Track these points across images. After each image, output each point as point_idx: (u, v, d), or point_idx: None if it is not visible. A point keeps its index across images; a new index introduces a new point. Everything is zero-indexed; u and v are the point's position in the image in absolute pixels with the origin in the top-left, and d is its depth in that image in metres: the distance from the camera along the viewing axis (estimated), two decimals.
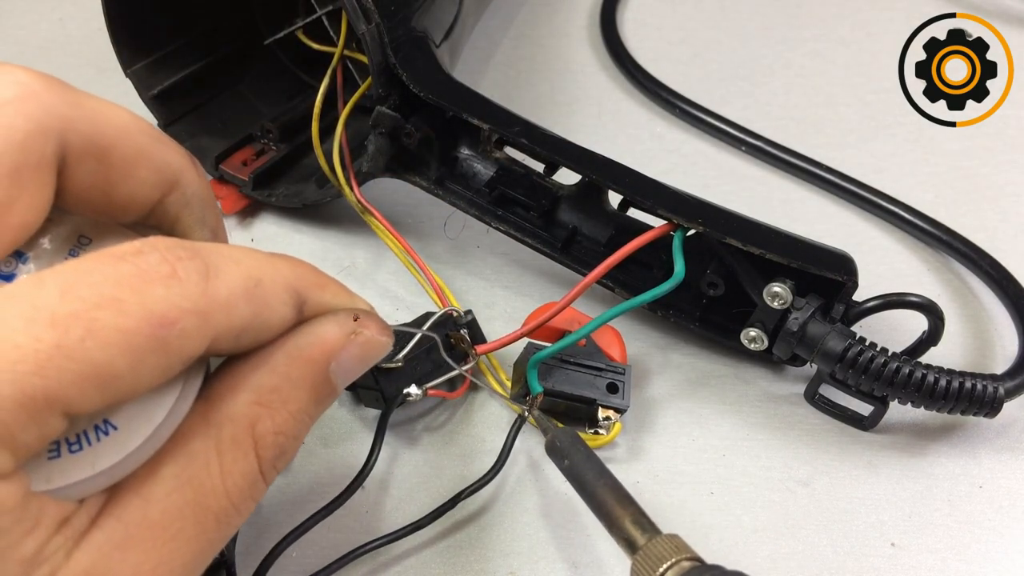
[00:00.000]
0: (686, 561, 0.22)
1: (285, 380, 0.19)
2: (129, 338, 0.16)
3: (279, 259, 0.19)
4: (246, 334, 0.18)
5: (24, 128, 0.17)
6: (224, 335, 0.17)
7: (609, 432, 0.30)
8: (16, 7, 0.51)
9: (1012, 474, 0.31)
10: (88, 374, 0.15)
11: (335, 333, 0.20)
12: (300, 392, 0.19)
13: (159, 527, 0.17)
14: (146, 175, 0.19)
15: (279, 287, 0.19)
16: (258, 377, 0.19)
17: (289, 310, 0.19)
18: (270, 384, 0.19)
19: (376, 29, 0.32)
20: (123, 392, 0.16)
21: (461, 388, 0.32)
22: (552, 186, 0.35)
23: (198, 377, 0.19)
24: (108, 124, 0.18)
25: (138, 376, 0.16)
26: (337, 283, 0.21)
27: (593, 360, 0.31)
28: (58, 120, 0.17)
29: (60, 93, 0.18)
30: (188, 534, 0.18)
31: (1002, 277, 0.37)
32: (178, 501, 0.18)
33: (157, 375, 0.16)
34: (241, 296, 0.18)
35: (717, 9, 0.54)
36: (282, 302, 0.19)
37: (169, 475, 0.18)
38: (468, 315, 0.31)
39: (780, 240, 0.31)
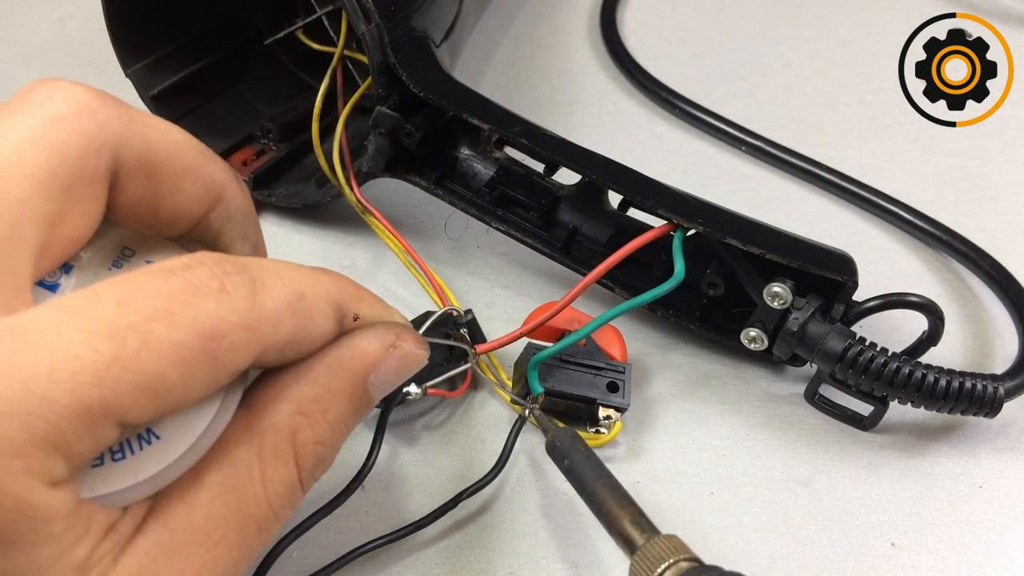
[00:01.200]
0: (684, 562, 0.22)
1: (325, 391, 0.20)
2: (182, 351, 0.16)
3: (321, 273, 0.20)
4: (290, 347, 0.19)
5: (79, 144, 0.17)
6: (270, 348, 0.18)
7: (610, 431, 0.30)
8: (16, 7, 0.51)
9: (1012, 474, 0.31)
10: (142, 385, 0.16)
11: (375, 346, 0.21)
12: (339, 403, 0.20)
13: (203, 533, 0.18)
14: (193, 190, 0.20)
15: (321, 301, 0.19)
16: (299, 388, 0.19)
17: (331, 323, 0.20)
18: (311, 395, 0.19)
19: (376, 29, 0.32)
20: (173, 403, 0.16)
21: (461, 388, 0.32)
22: (552, 186, 0.35)
23: (239, 388, 0.19)
24: (159, 141, 0.19)
25: (188, 388, 0.16)
26: (374, 296, 0.21)
27: (593, 359, 0.31)
28: (113, 136, 0.18)
29: (115, 110, 0.18)
30: (231, 540, 0.18)
31: (1002, 277, 0.37)
32: (222, 508, 0.18)
33: (206, 387, 0.17)
34: (286, 310, 0.18)
35: (717, 9, 0.54)
36: (324, 315, 0.19)
37: (213, 482, 0.18)
38: (468, 315, 0.31)
39: (780, 240, 0.31)
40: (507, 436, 0.29)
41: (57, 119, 0.17)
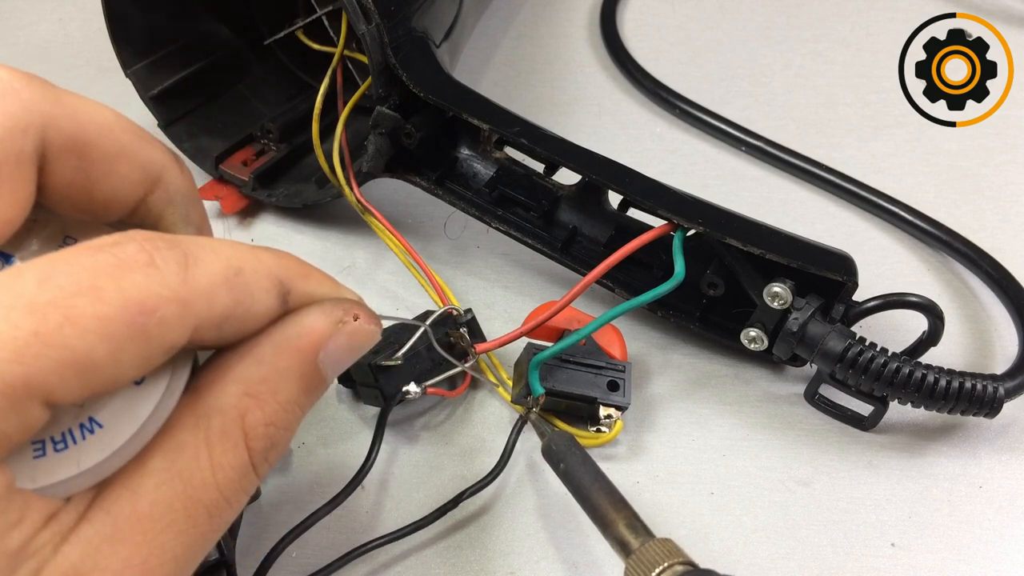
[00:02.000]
0: (679, 565, 0.22)
1: (273, 371, 0.19)
2: (108, 325, 0.16)
3: (261, 250, 0.19)
4: (228, 323, 0.18)
5: (3, 125, 0.17)
6: (205, 324, 0.17)
7: (611, 430, 0.30)
8: (16, 7, 0.51)
9: (1012, 474, 0.31)
10: (68, 361, 0.15)
11: (322, 322, 0.20)
12: (289, 383, 0.19)
13: (148, 520, 0.17)
14: (128, 172, 0.19)
15: (261, 276, 0.19)
16: (245, 368, 0.19)
17: (273, 300, 0.19)
18: (258, 375, 0.19)
19: (376, 29, 0.32)
20: (104, 381, 0.16)
21: (461, 387, 0.32)
22: (552, 186, 0.35)
23: (184, 372, 0.18)
24: (89, 121, 0.18)
25: (119, 364, 0.16)
26: (322, 273, 0.21)
27: (594, 359, 0.31)
28: (38, 117, 0.17)
29: (40, 90, 0.18)
30: (179, 527, 0.18)
31: (1002, 277, 0.37)
32: (167, 494, 0.17)
33: (138, 364, 0.16)
34: (222, 284, 0.18)
35: (717, 9, 0.54)
36: (265, 291, 0.19)
37: (158, 468, 0.18)
38: (468, 314, 0.31)
39: (780, 240, 0.31)
40: (508, 437, 0.29)
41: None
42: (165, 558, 0.17)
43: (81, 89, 0.19)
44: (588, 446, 0.30)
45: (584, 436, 0.30)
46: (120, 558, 0.17)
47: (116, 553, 0.17)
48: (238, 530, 0.27)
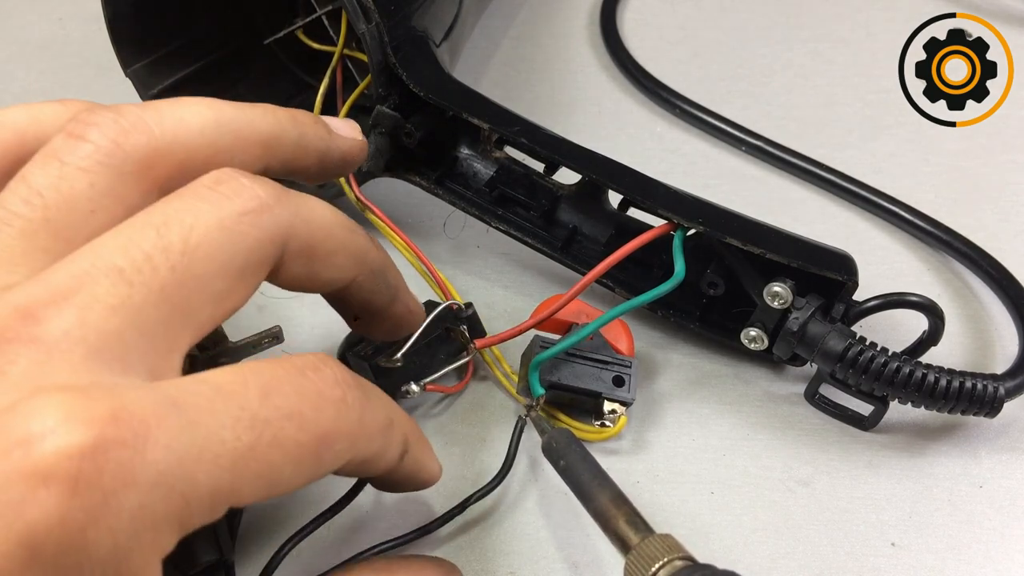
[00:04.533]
0: (679, 560, 0.22)
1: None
2: (301, 451, 0.17)
3: (400, 409, 0.22)
4: (367, 465, 0.21)
5: (257, 236, 0.19)
6: (356, 460, 0.20)
7: (615, 425, 0.30)
8: (16, 7, 0.51)
9: (1012, 474, 0.31)
10: (263, 475, 0.17)
11: None
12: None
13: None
14: (343, 262, 0.22)
15: (399, 432, 0.21)
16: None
17: (397, 456, 0.22)
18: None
19: (376, 29, 0.32)
20: (276, 493, 0.18)
21: (462, 382, 0.32)
22: (552, 186, 0.35)
23: None
24: (318, 227, 0.21)
25: (292, 481, 0.18)
26: (427, 441, 0.24)
27: (600, 353, 0.31)
28: (283, 229, 0.20)
29: (287, 205, 0.20)
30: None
31: (1002, 277, 0.37)
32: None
33: (302, 482, 0.18)
34: (378, 432, 0.20)
35: (717, 9, 0.54)
36: (397, 446, 0.21)
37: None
38: (469, 309, 0.31)
39: (780, 240, 0.31)
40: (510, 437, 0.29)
41: (242, 214, 0.19)
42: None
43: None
44: (591, 441, 0.31)
45: (588, 430, 0.30)
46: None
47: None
48: (238, 530, 0.27)
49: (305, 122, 0.24)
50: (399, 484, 0.24)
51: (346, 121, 0.26)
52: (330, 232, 0.21)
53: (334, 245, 0.21)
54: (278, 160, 0.23)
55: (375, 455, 0.20)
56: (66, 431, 0.15)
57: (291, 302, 0.35)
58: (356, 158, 0.26)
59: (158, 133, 0.20)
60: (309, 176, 0.25)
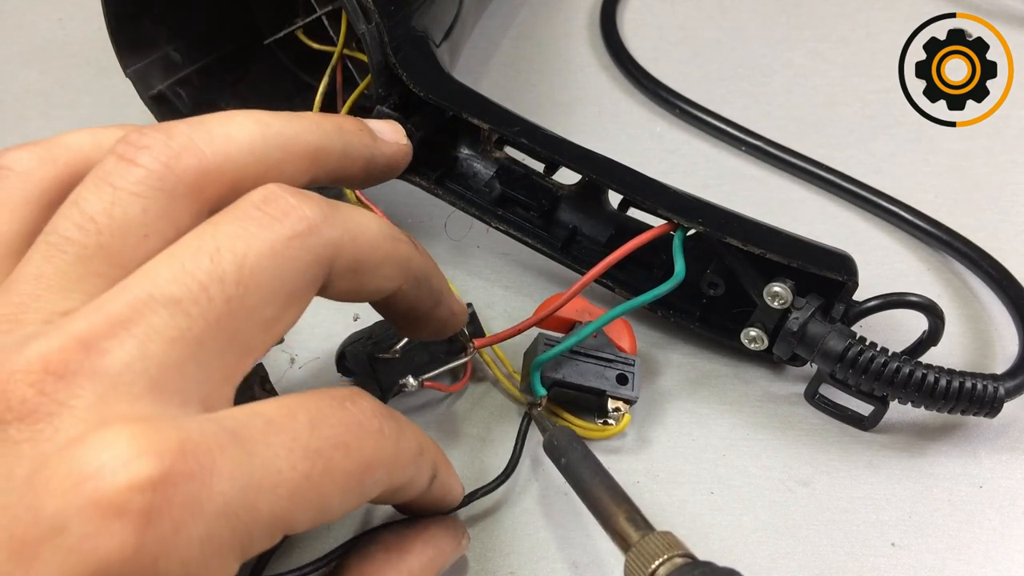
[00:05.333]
0: (678, 558, 0.22)
1: None
2: (348, 479, 0.18)
3: (428, 437, 0.23)
4: (399, 492, 0.21)
5: (307, 260, 0.19)
6: (391, 488, 0.20)
7: (619, 423, 0.30)
8: (16, 7, 0.51)
9: (1012, 474, 0.31)
10: (315, 504, 0.18)
11: (451, 544, 0.25)
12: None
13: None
14: (389, 272, 0.22)
15: (429, 460, 0.22)
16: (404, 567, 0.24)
17: (427, 482, 0.22)
18: None
19: (376, 29, 0.32)
20: (323, 521, 0.18)
21: (460, 382, 0.32)
22: (552, 186, 0.35)
23: None
24: (364, 242, 0.21)
25: (338, 510, 0.19)
26: (450, 465, 0.25)
27: (603, 351, 0.31)
28: (332, 250, 0.20)
29: (335, 225, 0.20)
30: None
31: (1002, 277, 0.37)
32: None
33: (346, 511, 0.19)
34: (411, 460, 0.21)
35: (717, 9, 0.54)
36: (427, 473, 0.22)
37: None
38: (468, 309, 0.31)
39: (780, 240, 0.31)
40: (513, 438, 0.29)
41: (292, 237, 0.19)
42: None
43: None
44: (595, 438, 0.31)
45: (591, 428, 0.30)
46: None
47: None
48: None
49: (351, 130, 0.24)
50: (425, 508, 0.25)
51: (390, 124, 0.26)
52: (376, 245, 0.21)
53: (380, 258, 0.21)
54: (325, 171, 0.23)
55: (408, 481, 0.21)
56: (137, 464, 0.15)
57: None
58: (401, 163, 0.26)
59: (209, 154, 0.20)
60: (355, 183, 0.25)
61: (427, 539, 0.24)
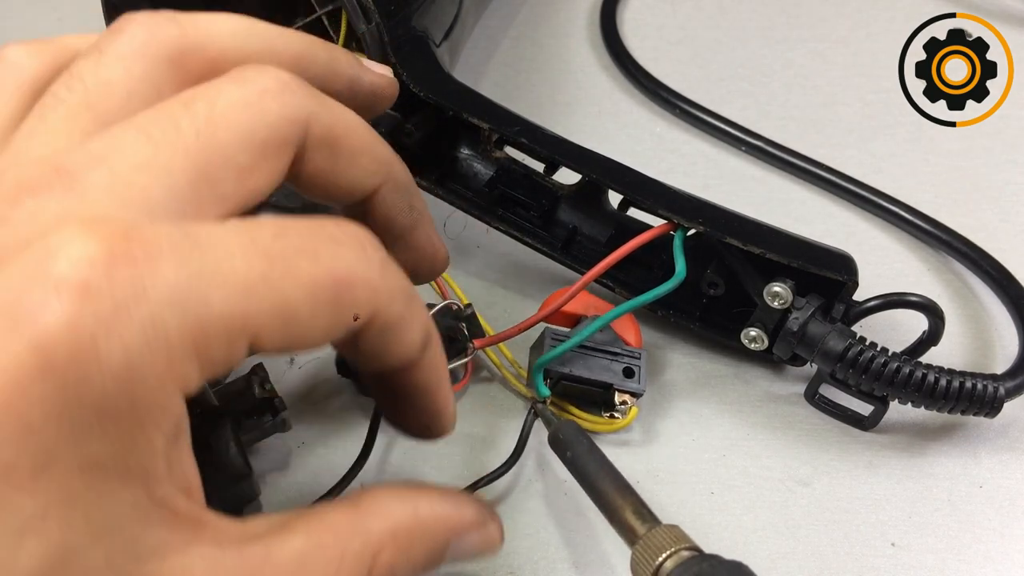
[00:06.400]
0: (685, 551, 0.22)
1: (420, 528, 0.21)
2: (315, 285, 0.18)
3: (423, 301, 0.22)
4: (388, 335, 0.20)
5: (278, 112, 0.19)
6: (377, 320, 0.19)
7: (626, 416, 0.30)
8: (16, 7, 0.51)
9: (1012, 474, 0.31)
10: (278, 308, 0.17)
11: (473, 516, 0.22)
12: (423, 546, 0.21)
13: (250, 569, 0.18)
14: (367, 164, 0.22)
15: (422, 312, 0.21)
16: (401, 512, 0.20)
17: (419, 344, 0.21)
18: (408, 525, 0.20)
19: (376, 29, 0.32)
20: (297, 336, 0.18)
21: (462, 381, 0.32)
22: (552, 186, 0.35)
23: None
24: (342, 120, 0.21)
25: (312, 323, 0.18)
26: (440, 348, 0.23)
27: (609, 344, 0.31)
28: (305, 111, 0.20)
29: (310, 93, 0.20)
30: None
31: (1002, 277, 0.37)
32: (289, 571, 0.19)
33: (324, 330, 0.18)
34: (401, 294, 0.20)
35: (717, 9, 0.54)
36: (420, 329, 0.21)
37: (297, 544, 0.19)
38: (468, 308, 0.31)
39: (780, 240, 0.31)
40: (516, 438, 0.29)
41: (264, 91, 0.19)
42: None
43: None
44: (602, 432, 0.31)
45: (598, 422, 0.30)
46: None
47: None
48: None
49: (335, 48, 0.24)
50: (415, 395, 0.22)
51: (378, 64, 0.26)
52: (354, 128, 0.22)
53: (359, 144, 0.22)
54: (309, 76, 0.23)
55: (397, 321, 0.20)
56: (79, 244, 0.15)
57: None
58: (385, 92, 0.26)
59: (190, 29, 0.21)
60: (340, 102, 0.25)
61: (445, 493, 0.22)
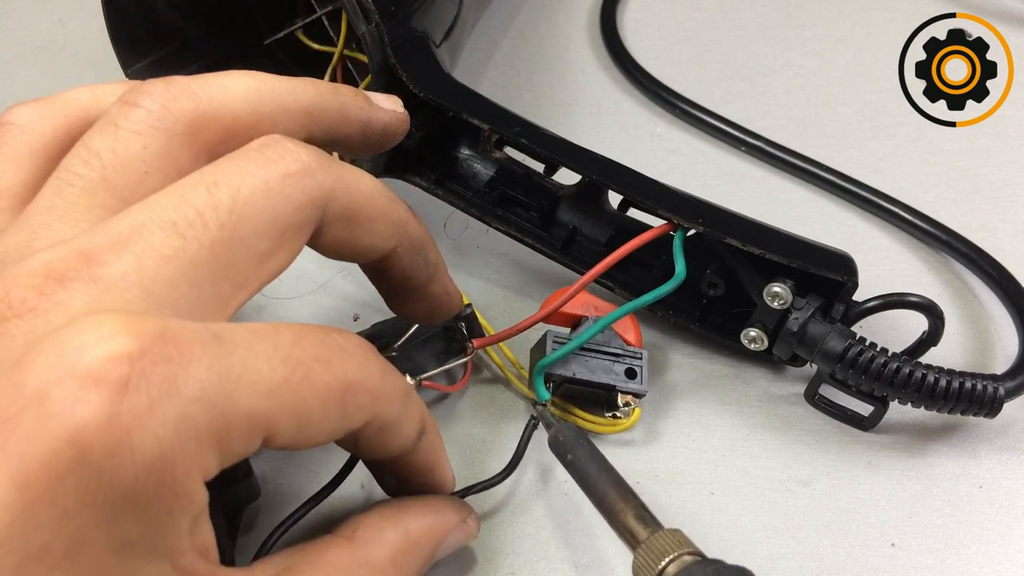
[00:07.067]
0: (688, 555, 0.22)
1: (414, 546, 0.23)
2: (328, 392, 0.19)
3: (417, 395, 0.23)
4: (386, 434, 0.21)
5: (300, 198, 0.20)
6: (377, 422, 0.20)
7: (629, 417, 0.30)
8: (16, 7, 0.51)
9: (1012, 474, 0.31)
10: (294, 411, 0.18)
11: (455, 519, 0.25)
12: (418, 561, 0.23)
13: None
14: (383, 229, 0.23)
15: (417, 408, 0.22)
16: (396, 535, 0.23)
17: (415, 436, 0.22)
18: (404, 546, 0.23)
19: (376, 29, 0.32)
20: (306, 437, 0.19)
21: (460, 382, 0.32)
22: (552, 186, 0.35)
23: None
24: (359, 192, 0.22)
25: (319, 426, 0.19)
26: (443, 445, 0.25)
27: (610, 346, 0.31)
28: (325, 192, 0.21)
29: (329, 170, 0.21)
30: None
31: (1002, 277, 0.37)
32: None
33: (329, 432, 0.19)
34: (397, 396, 0.21)
35: (717, 9, 0.54)
36: (414, 424, 0.22)
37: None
38: (467, 308, 0.31)
39: (780, 240, 0.31)
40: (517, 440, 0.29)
41: (286, 175, 0.20)
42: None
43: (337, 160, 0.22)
44: (605, 433, 0.31)
45: (601, 423, 0.31)
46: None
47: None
48: (238, 531, 0.27)
49: (346, 92, 0.25)
50: (413, 475, 0.24)
51: (388, 96, 0.27)
52: (371, 198, 0.22)
53: (375, 211, 0.22)
54: (321, 128, 0.24)
55: (394, 420, 0.21)
56: (117, 340, 0.16)
57: (292, 302, 0.35)
58: (398, 130, 0.27)
59: (204, 98, 0.21)
60: (353, 146, 0.26)
61: (429, 505, 0.24)
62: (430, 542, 0.24)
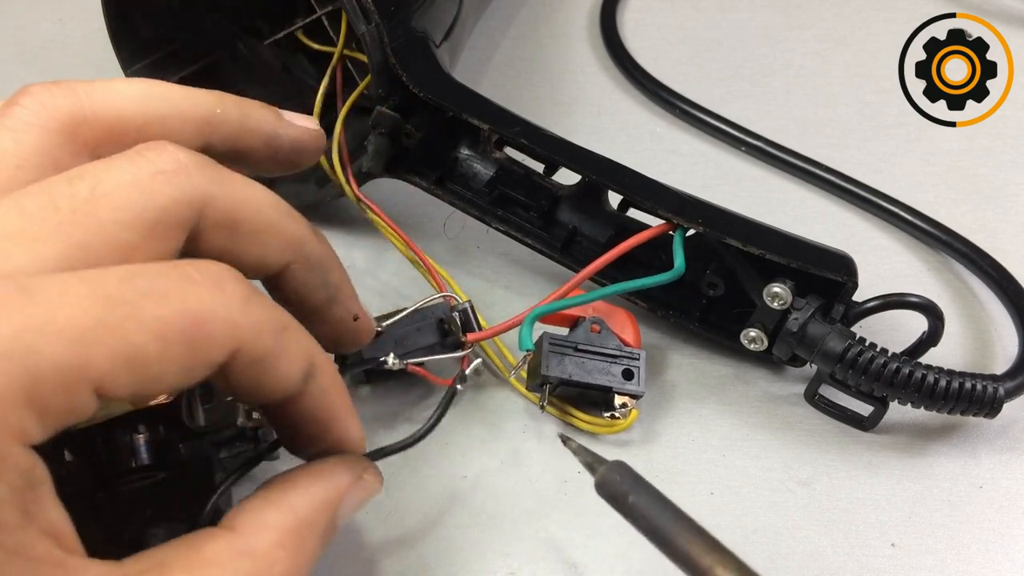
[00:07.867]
0: None
1: (305, 523, 0.21)
2: (164, 326, 0.17)
3: (308, 334, 0.21)
4: (257, 371, 0.19)
5: (169, 194, 0.19)
6: (242, 357, 0.19)
7: (626, 419, 0.30)
8: (16, 7, 0.51)
9: (1012, 474, 0.31)
10: (121, 353, 0.17)
11: (348, 478, 0.22)
12: (315, 535, 0.21)
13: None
14: (271, 243, 0.22)
15: (300, 347, 0.20)
16: (282, 516, 0.20)
17: (299, 377, 0.20)
18: (291, 525, 0.20)
19: (376, 29, 0.32)
20: (149, 379, 0.17)
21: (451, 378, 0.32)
22: (552, 186, 0.35)
23: None
24: (243, 202, 0.21)
25: (164, 367, 0.17)
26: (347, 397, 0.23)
27: (607, 346, 0.31)
28: (200, 194, 0.20)
29: (208, 173, 0.20)
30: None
31: (1002, 277, 0.37)
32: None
33: (180, 371, 0.18)
34: (269, 328, 0.19)
35: (717, 9, 0.54)
36: (298, 363, 0.20)
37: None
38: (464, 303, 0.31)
39: (780, 240, 0.31)
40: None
41: (157, 172, 0.19)
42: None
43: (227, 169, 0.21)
44: (603, 434, 0.31)
45: (599, 424, 0.30)
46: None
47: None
48: None
49: (251, 104, 0.24)
50: (307, 427, 0.22)
51: (301, 115, 0.26)
52: (257, 209, 0.21)
53: (263, 222, 0.21)
54: (220, 137, 0.23)
55: (265, 354, 0.19)
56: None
57: None
58: (309, 146, 0.26)
59: (84, 96, 0.21)
60: (259, 161, 0.25)
61: (315, 473, 0.22)
62: (323, 515, 0.21)
